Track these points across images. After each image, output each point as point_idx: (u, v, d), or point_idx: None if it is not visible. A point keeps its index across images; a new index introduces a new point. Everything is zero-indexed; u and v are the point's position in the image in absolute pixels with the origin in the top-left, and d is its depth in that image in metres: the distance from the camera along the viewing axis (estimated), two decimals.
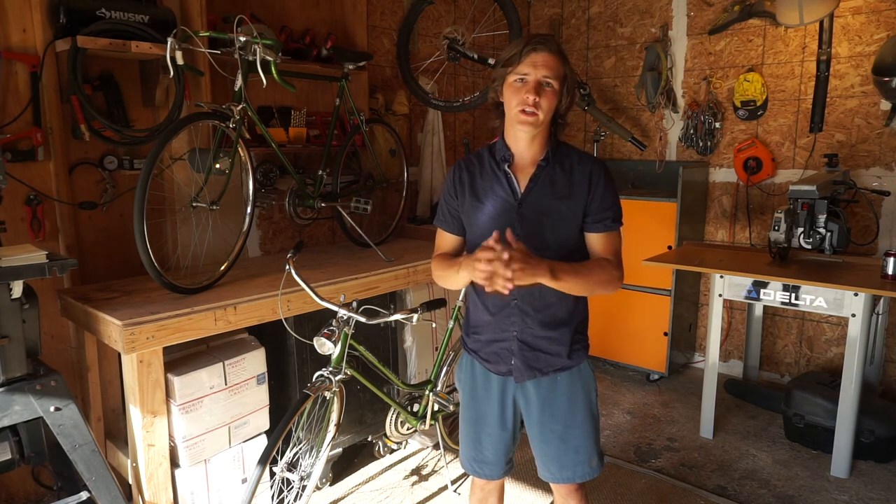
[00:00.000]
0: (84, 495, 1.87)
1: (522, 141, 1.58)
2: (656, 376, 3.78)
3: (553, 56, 1.50)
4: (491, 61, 3.42)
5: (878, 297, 2.75)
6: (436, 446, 2.96)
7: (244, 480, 2.30)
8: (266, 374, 2.35)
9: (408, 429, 2.58)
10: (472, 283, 1.63)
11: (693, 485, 2.68)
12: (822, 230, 2.91)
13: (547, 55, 1.49)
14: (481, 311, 1.67)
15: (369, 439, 2.84)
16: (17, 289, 1.69)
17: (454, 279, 1.58)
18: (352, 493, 2.63)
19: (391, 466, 2.84)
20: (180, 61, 2.13)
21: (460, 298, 2.58)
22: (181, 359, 2.19)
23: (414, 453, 2.95)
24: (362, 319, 2.09)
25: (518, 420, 1.72)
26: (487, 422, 1.71)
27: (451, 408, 2.54)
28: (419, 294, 2.89)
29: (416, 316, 2.10)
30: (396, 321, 2.37)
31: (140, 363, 1.95)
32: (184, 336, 2.04)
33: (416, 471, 2.80)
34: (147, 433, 1.99)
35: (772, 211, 3.60)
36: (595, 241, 1.58)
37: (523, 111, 1.50)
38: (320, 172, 2.85)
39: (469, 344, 1.73)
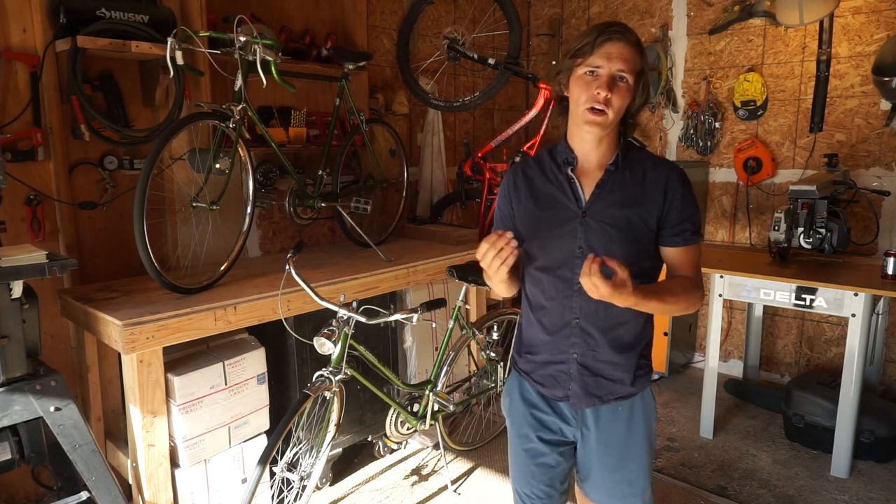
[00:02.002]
0: (84, 495, 1.87)
1: (588, 142, 1.41)
2: (656, 376, 3.78)
3: (630, 48, 1.32)
4: (491, 61, 3.41)
5: (878, 297, 2.75)
6: (436, 446, 2.96)
7: (244, 480, 2.30)
8: (266, 374, 2.35)
9: (408, 429, 2.58)
10: (527, 299, 1.52)
11: (693, 485, 2.68)
12: (822, 230, 2.90)
13: (624, 46, 1.32)
14: (537, 329, 1.50)
15: (369, 439, 2.84)
16: (17, 289, 1.69)
17: (497, 283, 1.45)
18: (352, 493, 2.63)
19: (391, 466, 2.84)
20: (180, 61, 2.13)
21: (460, 298, 2.58)
22: (181, 359, 2.19)
23: (414, 453, 2.95)
24: (362, 319, 2.09)
25: (573, 449, 1.56)
26: (542, 453, 1.54)
27: (451, 408, 2.54)
28: (419, 294, 2.89)
29: (416, 316, 2.10)
30: (396, 321, 2.37)
31: (140, 363, 1.95)
32: (184, 336, 2.04)
33: (416, 471, 2.80)
34: (147, 433, 1.99)
35: (772, 211, 3.59)
36: (674, 255, 1.43)
37: (592, 109, 1.33)
38: (320, 172, 2.85)
39: (520, 364, 1.57)
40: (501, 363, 2.88)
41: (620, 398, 1.48)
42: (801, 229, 2.92)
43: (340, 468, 2.77)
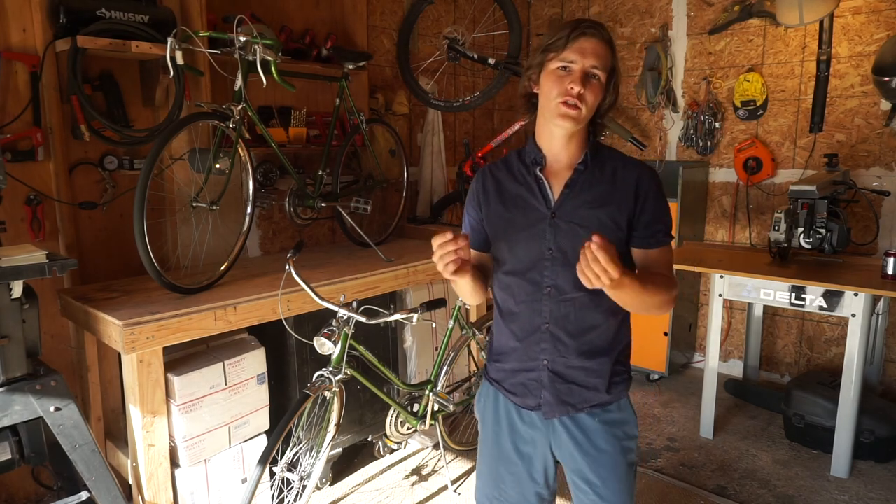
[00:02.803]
0: (84, 495, 1.87)
1: (558, 140, 1.37)
2: (656, 376, 3.78)
3: (603, 45, 1.30)
4: (491, 61, 3.41)
5: (878, 297, 2.75)
6: (436, 446, 2.96)
7: (244, 480, 2.30)
8: (266, 374, 2.35)
9: (408, 429, 2.58)
10: (497, 306, 1.49)
11: (693, 485, 2.68)
12: (822, 230, 2.90)
13: (597, 43, 1.30)
14: (507, 336, 1.46)
15: (369, 439, 2.84)
16: (17, 289, 1.69)
17: (460, 288, 1.44)
18: (352, 493, 2.63)
19: (391, 466, 2.84)
20: (180, 61, 2.13)
21: (461, 298, 2.58)
22: (181, 359, 2.18)
23: (414, 453, 2.95)
24: (362, 319, 2.09)
25: (552, 460, 1.49)
26: (512, 460, 1.49)
27: (451, 408, 2.54)
28: (419, 294, 2.89)
29: (416, 316, 2.10)
30: (396, 321, 2.37)
31: (140, 363, 1.95)
32: (184, 336, 2.04)
33: (416, 471, 2.80)
34: (147, 433, 1.99)
35: (772, 211, 3.59)
36: (647, 257, 1.38)
37: (565, 103, 1.29)
38: (320, 172, 2.85)
39: (491, 373, 1.53)
40: None
41: (595, 406, 1.42)
42: (801, 229, 2.92)
43: (340, 468, 2.77)
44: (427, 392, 2.53)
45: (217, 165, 2.28)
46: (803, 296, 2.74)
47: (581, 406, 1.42)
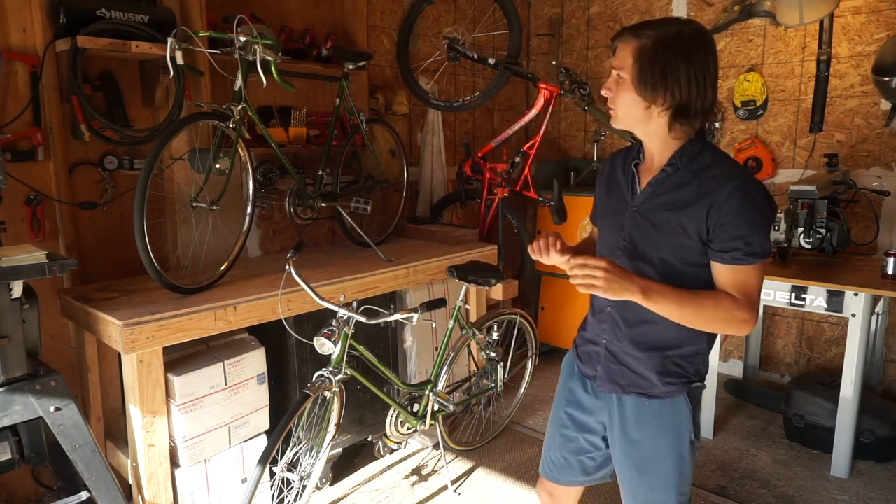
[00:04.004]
0: (84, 495, 1.87)
1: (646, 139, 1.44)
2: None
3: (622, 45, 1.36)
4: (491, 61, 3.41)
5: (878, 297, 2.75)
6: (436, 446, 2.96)
7: (244, 480, 2.30)
8: (266, 374, 2.35)
9: (408, 429, 2.58)
10: None
11: (693, 485, 2.67)
12: (822, 230, 2.90)
13: (621, 45, 1.37)
14: (590, 308, 1.61)
15: (369, 439, 2.84)
16: (17, 289, 1.69)
17: None
18: (352, 493, 2.63)
19: (391, 466, 2.84)
20: (180, 61, 2.13)
21: (460, 298, 2.58)
22: (181, 359, 2.19)
23: (414, 453, 2.95)
24: (362, 319, 2.09)
25: (603, 433, 1.59)
26: (568, 422, 1.64)
27: (451, 408, 2.54)
28: (419, 294, 2.89)
29: (416, 316, 2.10)
30: (396, 321, 2.37)
31: (140, 363, 1.95)
32: (184, 336, 2.04)
33: (416, 471, 2.80)
34: (147, 433, 1.99)
35: None
36: (719, 273, 1.36)
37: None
38: (320, 172, 2.85)
39: (577, 339, 1.67)
40: (501, 363, 2.88)
41: (643, 394, 1.48)
42: (801, 229, 2.92)
43: (340, 468, 2.77)
44: (427, 392, 2.53)
45: (217, 165, 2.28)
46: (803, 296, 2.73)
47: (629, 389, 1.49)
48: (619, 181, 1.52)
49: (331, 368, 2.12)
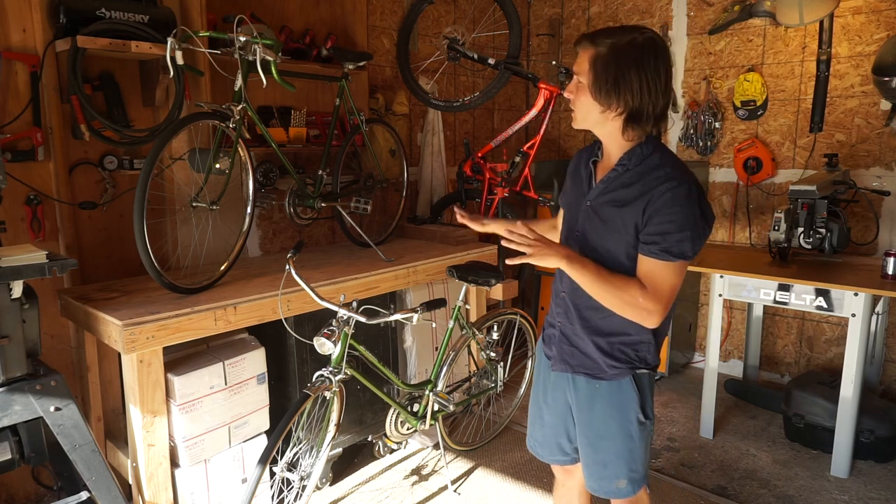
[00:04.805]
0: (84, 495, 1.87)
1: (602, 139, 1.55)
2: (657, 376, 3.78)
3: (582, 51, 1.45)
4: (491, 61, 3.41)
5: (878, 297, 2.75)
6: (436, 446, 2.96)
7: (244, 480, 2.30)
8: (266, 373, 2.35)
9: (408, 429, 2.58)
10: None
11: (693, 485, 2.68)
12: (822, 230, 2.90)
13: (580, 51, 1.47)
14: (552, 295, 1.71)
15: (369, 439, 2.84)
16: (17, 289, 1.69)
17: None
18: (352, 493, 2.63)
19: (391, 466, 2.84)
20: (180, 61, 2.13)
21: (460, 298, 2.58)
22: (181, 359, 2.19)
23: (414, 453, 2.95)
24: (362, 319, 2.09)
25: (571, 415, 1.69)
26: (541, 403, 1.76)
27: (451, 408, 2.54)
28: (419, 294, 2.89)
29: (416, 316, 2.10)
30: (396, 321, 2.37)
31: (140, 363, 1.95)
32: (184, 336, 2.04)
33: (416, 471, 2.80)
34: (147, 433, 1.99)
35: (772, 211, 3.60)
36: (639, 262, 1.46)
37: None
38: (320, 172, 2.85)
39: (544, 321, 1.77)
40: (501, 363, 2.88)
41: (589, 375, 1.58)
42: (801, 229, 2.92)
43: (340, 468, 2.77)
44: (427, 392, 2.53)
45: (217, 165, 2.28)
46: (803, 296, 2.73)
47: (579, 370, 1.60)
48: (581, 175, 1.62)
49: (331, 368, 2.12)
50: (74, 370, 2.39)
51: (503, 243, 1.44)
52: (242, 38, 2.25)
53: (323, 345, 2.07)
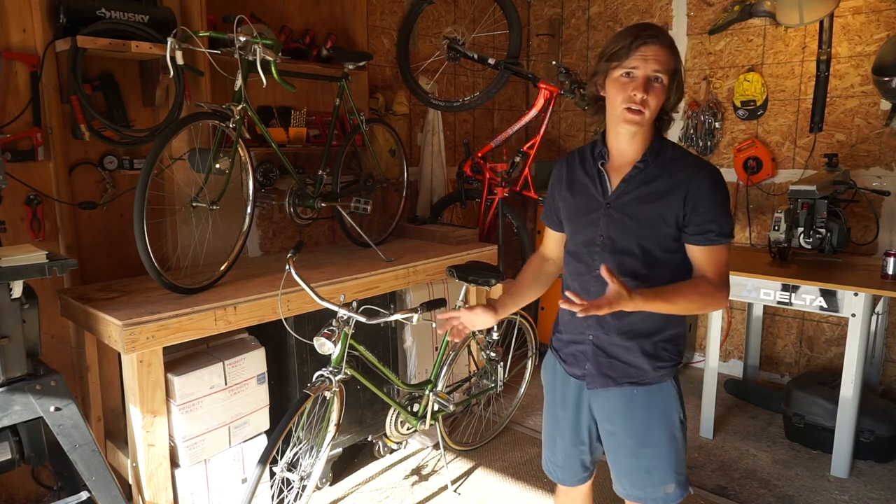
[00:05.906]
0: (84, 495, 1.87)
1: (623, 138, 1.48)
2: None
3: (664, 49, 1.39)
4: (491, 61, 3.41)
5: (878, 297, 2.75)
6: (436, 446, 2.96)
7: (244, 480, 2.30)
8: (266, 373, 2.35)
9: (408, 429, 2.58)
10: (563, 279, 1.65)
11: (693, 485, 2.66)
12: (822, 230, 2.90)
13: (658, 48, 1.38)
14: (565, 310, 1.56)
15: (369, 439, 2.84)
16: (17, 289, 1.69)
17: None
18: (352, 493, 2.63)
19: (391, 466, 2.84)
20: (180, 61, 2.13)
21: (460, 298, 2.58)
22: (181, 359, 2.19)
23: (414, 453, 2.95)
24: (362, 319, 2.09)
25: (594, 428, 1.64)
26: (562, 426, 1.67)
27: (451, 408, 2.54)
28: (419, 294, 2.89)
29: (416, 316, 2.10)
30: (396, 321, 2.37)
31: (140, 363, 1.95)
32: (184, 336, 2.04)
33: (416, 471, 2.80)
34: (147, 433, 1.99)
35: (772, 211, 3.59)
36: (696, 254, 1.46)
37: (629, 109, 1.40)
38: (320, 172, 2.85)
39: (553, 342, 1.70)
40: (501, 363, 2.88)
41: (635, 383, 1.52)
42: (801, 229, 2.92)
43: (340, 468, 2.77)
44: (427, 392, 2.53)
45: (217, 165, 2.28)
46: (803, 296, 2.73)
47: (621, 381, 1.53)
48: (582, 181, 1.57)
49: (331, 368, 2.12)
50: (74, 370, 2.39)
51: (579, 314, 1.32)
52: (242, 38, 2.25)
53: (323, 345, 2.07)
